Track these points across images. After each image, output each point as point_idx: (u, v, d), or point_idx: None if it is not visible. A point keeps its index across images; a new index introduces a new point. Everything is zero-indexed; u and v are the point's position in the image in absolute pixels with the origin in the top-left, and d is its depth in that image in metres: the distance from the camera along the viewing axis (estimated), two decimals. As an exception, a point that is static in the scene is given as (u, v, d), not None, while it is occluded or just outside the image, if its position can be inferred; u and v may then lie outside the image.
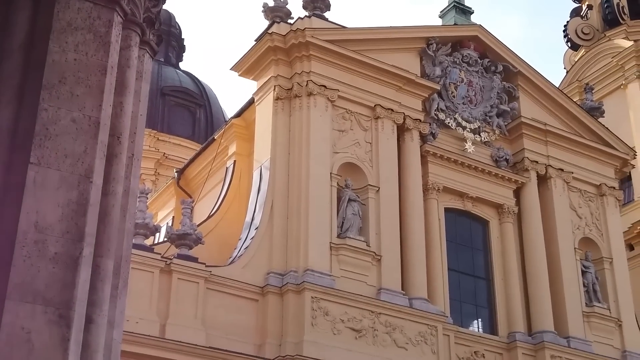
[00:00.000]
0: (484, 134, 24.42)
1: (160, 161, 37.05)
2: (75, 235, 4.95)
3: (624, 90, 33.41)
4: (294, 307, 19.26)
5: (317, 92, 21.64)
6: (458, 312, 22.39)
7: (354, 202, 21.22)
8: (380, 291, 20.50)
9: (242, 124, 23.41)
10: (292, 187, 20.84)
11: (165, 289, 18.43)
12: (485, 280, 23.44)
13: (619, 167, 26.47)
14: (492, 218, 24.01)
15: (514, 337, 22.34)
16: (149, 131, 36.50)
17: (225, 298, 19.21)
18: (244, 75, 22.89)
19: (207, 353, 18.05)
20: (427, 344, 20.47)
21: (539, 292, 23.20)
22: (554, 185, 24.88)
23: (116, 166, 5.37)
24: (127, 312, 16.62)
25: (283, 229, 20.40)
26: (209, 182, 24.28)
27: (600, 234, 25.22)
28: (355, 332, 19.73)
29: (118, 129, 5.43)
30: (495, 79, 25.18)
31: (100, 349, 5.14)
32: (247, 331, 19.11)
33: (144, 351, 17.32)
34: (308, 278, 19.46)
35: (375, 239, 21.03)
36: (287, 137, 21.47)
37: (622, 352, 23.69)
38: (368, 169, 21.85)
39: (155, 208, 27.08)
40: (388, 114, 22.55)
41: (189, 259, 18.95)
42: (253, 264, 19.83)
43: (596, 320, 23.71)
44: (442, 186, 23.18)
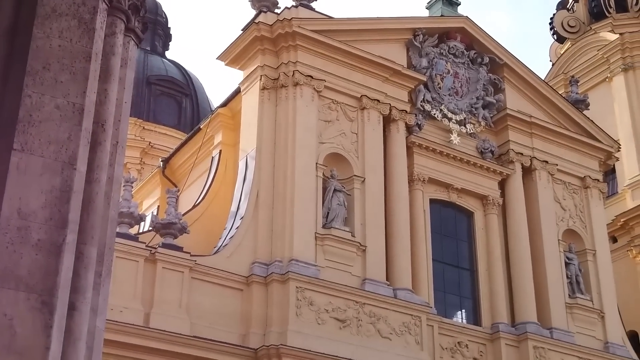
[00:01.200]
0: (470, 126, 24.48)
1: (145, 150, 36.96)
2: (59, 222, 4.93)
3: (609, 83, 33.56)
4: (278, 297, 19.29)
5: (304, 82, 21.62)
6: (442, 303, 22.48)
7: (340, 193, 21.24)
8: (365, 281, 20.55)
9: (228, 113, 23.37)
10: (278, 177, 20.84)
11: (150, 278, 18.41)
12: (470, 271, 23.55)
13: (603, 160, 26.61)
14: (476, 209, 24.10)
15: (497, 327, 22.46)
16: (135, 120, 36.41)
17: (210, 287, 19.21)
18: (231, 65, 22.84)
19: (191, 342, 18.05)
20: (411, 334, 20.56)
21: (523, 284, 23.32)
22: (539, 177, 24.99)
23: (100, 153, 5.35)
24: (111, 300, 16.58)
25: (268, 218, 20.41)
26: (194, 172, 24.23)
27: (584, 225, 25.36)
28: (340, 322, 19.77)
29: (102, 116, 5.41)
30: (482, 71, 25.24)
31: (83, 336, 5.13)
32: (232, 321, 19.12)
33: (128, 340, 17.30)
34: (293, 268, 19.48)
35: (360, 230, 21.07)
36: (273, 127, 21.45)
37: (604, 344, 23.86)
38: (354, 159, 21.87)
39: (141, 197, 27.01)
40: (374, 104, 22.57)
41: (173, 248, 18.93)
42: (238, 253, 19.82)
43: (579, 312, 23.87)
44: (427, 177, 23.24)
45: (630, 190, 31.22)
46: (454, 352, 21.76)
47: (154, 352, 17.61)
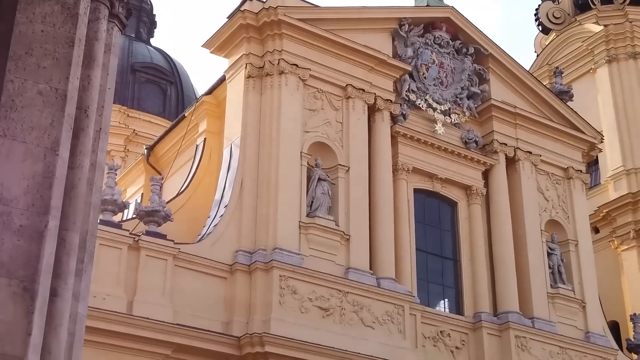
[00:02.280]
0: (454, 116, 24.54)
1: (130, 137, 36.82)
2: (41, 208, 4.92)
3: (593, 75, 33.71)
4: (262, 285, 19.31)
5: (289, 70, 21.59)
6: (425, 292, 22.57)
7: (324, 182, 21.26)
8: (349, 270, 20.60)
9: (213, 101, 23.32)
10: (262, 165, 20.82)
11: (133, 266, 18.37)
12: (453, 260, 23.65)
13: (586, 151, 26.75)
14: (460, 199, 24.19)
15: (480, 317, 22.58)
16: (119, 107, 36.26)
17: (194, 275, 19.20)
18: (216, 53, 22.78)
19: (174, 330, 18.04)
20: (394, 323, 20.63)
21: (505, 273, 23.45)
22: (522, 168, 25.10)
23: (83, 139, 5.34)
24: (94, 288, 16.56)
25: (252, 207, 20.41)
26: (178, 160, 24.17)
27: (567, 216, 25.51)
28: (323, 310, 19.82)
29: (85, 102, 5.39)
30: (467, 61, 25.28)
31: (65, 322, 5.13)
32: (215, 308, 19.13)
33: (110, 327, 17.27)
34: (277, 256, 19.50)
35: (344, 219, 21.11)
36: (258, 115, 21.42)
37: (585, 333, 24.05)
38: (338, 148, 21.88)
39: (124, 184, 26.93)
40: (359, 94, 22.58)
41: (157, 235, 18.89)
42: (222, 241, 19.82)
43: (560, 302, 24.03)
44: (411, 167, 23.29)
45: (613, 181, 31.43)
46: (436, 341, 21.87)
47: (136, 339, 17.59)
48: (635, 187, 30.61)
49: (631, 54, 33.03)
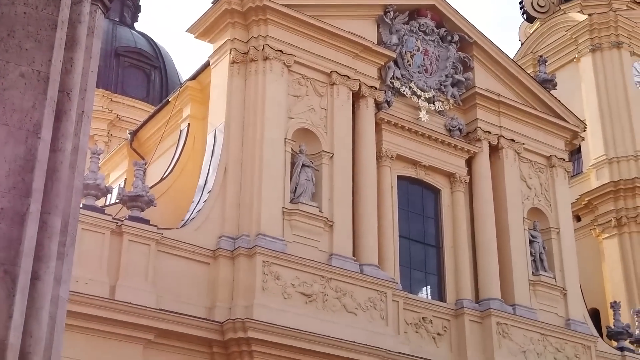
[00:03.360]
0: (439, 103, 24.59)
1: (113, 122, 36.68)
2: (22, 191, 4.91)
3: (576, 64, 33.86)
4: (245, 271, 19.32)
5: (274, 56, 21.55)
6: (407, 279, 22.67)
7: (308, 168, 21.26)
8: (332, 257, 20.64)
9: (197, 86, 23.24)
10: (246, 151, 20.80)
11: (116, 251, 18.33)
12: (435, 248, 23.75)
13: (569, 139, 26.89)
14: (443, 187, 24.27)
15: (462, 304, 22.71)
16: (102, 92, 36.10)
17: (177, 261, 19.18)
18: (200, 38, 22.69)
19: (157, 315, 18.03)
20: (377, 309, 20.71)
21: (487, 261, 23.58)
22: (505, 156, 25.21)
23: (65, 123, 5.31)
24: (77, 272, 16.50)
25: (236, 193, 20.40)
26: (162, 145, 24.10)
27: (549, 204, 25.66)
28: (306, 296, 19.86)
29: (68, 85, 5.36)
30: (451, 49, 25.31)
31: (47, 305, 5.13)
32: (198, 294, 19.14)
33: (93, 312, 17.24)
34: (260, 242, 19.51)
35: (328, 205, 21.14)
36: (242, 101, 21.38)
37: (566, 320, 24.24)
38: (322, 135, 21.89)
39: (108, 169, 26.84)
40: (344, 80, 22.57)
41: (140, 220, 18.85)
42: (205, 227, 19.81)
43: (542, 289, 24.20)
44: (395, 154, 23.33)
45: (595, 170, 31.63)
46: (418, 327, 21.99)
47: (119, 324, 17.57)
48: (617, 175, 30.83)
49: (615, 44, 33.19)
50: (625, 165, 31.03)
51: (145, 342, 17.95)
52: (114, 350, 17.41)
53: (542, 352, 23.18)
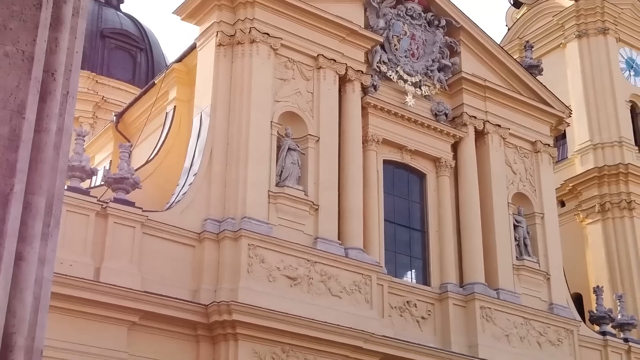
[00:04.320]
0: (425, 88, 24.61)
1: (98, 104, 36.50)
2: (6, 171, 4.88)
3: (562, 50, 33.92)
4: (230, 254, 19.34)
5: (260, 39, 21.48)
6: (392, 263, 22.77)
7: (294, 152, 21.26)
8: (317, 240, 20.69)
9: (183, 69, 23.16)
10: (232, 134, 20.77)
11: (101, 233, 18.30)
12: (420, 232, 23.84)
13: (554, 125, 27.00)
14: (429, 171, 24.34)
15: (446, 288, 22.83)
16: (88, 73, 35.89)
17: (162, 243, 19.18)
18: (187, 20, 22.57)
19: (141, 297, 18.03)
20: (361, 292, 20.79)
21: (472, 245, 23.70)
22: (491, 141, 25.29)
23: (50, 103, 5.28)
24: (61, 254, 16.45)
25: (222, 175, 20.38)
26: (148, 127, 24.04)
27: (534, 189, 25.79)
28: (291, 280, 19.90)
29: (53, 65, 5.32)
30: (438, 34, 25.31)
31: (30, 285, 5.12)
32: (183, 276, 19.15)
33: (77, 294, 17.23)
34: (245, 225, 19.52)
35: (314, 189, 21.16)
36: (229, 84, 21.32)
37: (549, 305, 24.43)
38: (309, 118, 21.87)
39: (93, 151, 26.75)
40: (330, 64, 22.54)
41: (125, 203, 18.81)
42: (191, 210, 19.80)
43: (526, 274, 24.36)
44: (381, 138, 23.36)
45: (580, 155, 31.78)
46: (403, 311, 22.11)
47: (104, 306, 17.57)
48: (601, 161, 30.99)
49: (601, 30, 33.26)
50: (609, 151, 31.19)
51: (130, 324, 17.97)
52: (98, 332, 17.42)
53: (525, 336, 23.37)
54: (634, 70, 33.76)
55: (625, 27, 33.99)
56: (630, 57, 33.88)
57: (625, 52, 33.81)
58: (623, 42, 33.82)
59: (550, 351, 23.65)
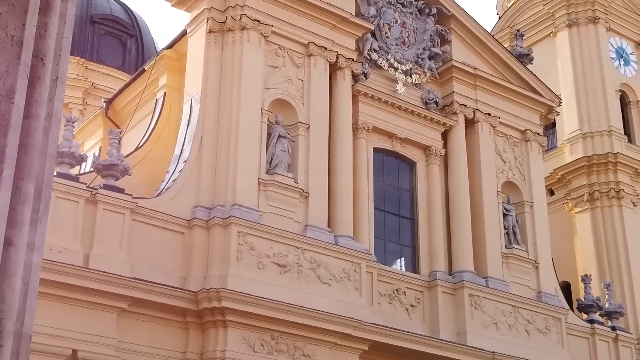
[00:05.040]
0: (415, 76, 24.62)
1: (88, 90, 36.36)
2: (-5, 156, 4.87)
3: (553, 39, 33.95)
4: (220, 241, 19.33)
5: (251, 26, 21.42)
6: (382, 251, 22.82)
7: (284, 139, 21.24)
8: (307, 228, 20.70)
9: (173, 55, 23.08)
10: (222, 121, 20.74)
11: (90, 219, 18.26)
12: (410, 220, 23.89)
13: (544, 114, 27.06)
14: (419, 159, 24.38)
15: (435, 275, 22.91)
16: (77, 59, 35.73)
17: (151, 230, 19.16)
18: (177, 6, 22.48)
19: (131, 284, 18.01)
20: (351, 280, 20.84)
21: (461, 233, 23.77)
22: (481, 129, 25.34)
23: (39, 88, 5.26)
24: (51, 240, 16.41)
25: (212, 163, 20.35)
26: (138, 114, 23.96)
27: (523, 178, 25.87)
28: (280, 267, 19.92)
29: (42, 50, 5.30)
30: (429, 22, 25.31)
31: (20, 271, 5.11)
32: (172, 263, 19.14)
33: (66, 280, 17.19)
34: (235, 212, 19.52)
35: (304, 176, 21.17)
36: (219, 70, 21.27)
37: (537, 293, 24.55)
38: (299, 106, 21.85)
39: (82, 138, 26.67)
40: (321, 51, 22.51)
41: (115, 189, 18.77)
42: (180, 197, 19.77)
43: (514, 262, 24.46)
44: (371, 126, 23.37)
45: (569, 144, 31.86)
46: (392, 298, 22.18)
47: (93, 292, 17.54)
48: (590, 150, 31.09)
49: (591, 19, 33.30)
50: (599, 140, 31.29)
51: (119, 311, 17.96)
52: (87, 319, 17.40)
53: (514, 324, 23.49)
54: (624, 59, 33.84)
55: (615, 16, 34.04)
56: (620, 47, 33.96)
57: (615, 42, 33.88)
58: (613, 32, 33.88)
59: (538, 339, 23.78)
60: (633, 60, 34.15)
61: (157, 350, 18.28)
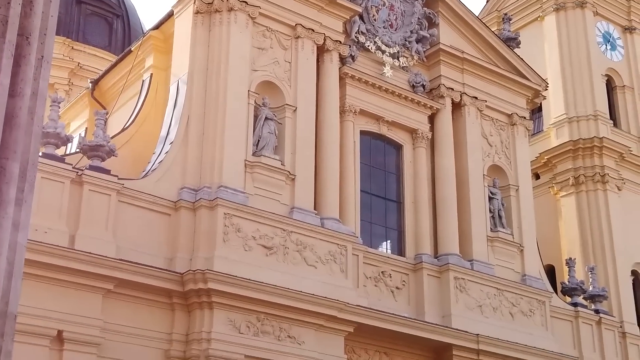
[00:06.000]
0: (403, 59, 24.61)
1: (74, 71, 36.16)
2: (-20, 135, 4.86)
3: (540, 23, 33.97)
4: (206, 223, 19.33)
5: (238, 8, 21.32)
6: (368, 233, 22.88)
7: (271, 121, 21.21)
8: (293, 210, 20.73)
9: (160, 36, 22.97)
10: (209, 103, 20.68)
11: (76, 200, 18.20)
12: (396, 203, 23.95)
13: (530, 98, 27.13)
14: (406, 142, 24.41)
15: (420, 258, 23.01)
16: (63, 39, 35.51)
17: (137, 211, 19.13)
18: (163, -14, 22.36)
19: (117, 265, 17.99)
20: (337, 262, 20.89)
21: (447, 216, 23.86)
22: (468, 113, 25.38)
23: (25, 67, 5.24)
24: (36, 221, 16.36)
25: (198, 144, 20.31)
26: (124, 95, 23.86)
27: (509, 162, 25.96)
28: (267, 249, 19.94)
29: (27, 29, 5.28)
30: (417, 4, 25.27)
31: (4, 251, 5.11)
32: (158, 245, 19.13)
33: (52, 261, 17.16)
34: (221, 194, 19.51)
35: (290, 159, 21.16)
36: (206, 52, 21.18)
37: (522, 276, 24.70)
38: (286, 88, 21.81)
39: (68, 118, 26.53)
40: (309, 34, 22.45)
41: (101, 170, 18.70)
42: (167, 178, 19.74)
43: (499, 245, 24.59)
44: (358, 109, 23.37)
45: (555, 128, 31.97)
46: (378, 281, 22.26)
47: (78, 274, 17.52)
48: (576, 134, 31.20)
49: (578, 3, 33.32)
50: (584, 125, 31.41)
51: (105, 292, 17.95)
52: (73, 300, 17.39)
53: (498, 307, 23.64)
54: (611, 44, 33.93)
55: (602, 0, 34.08)
56: (607, 31, 34.02)
57: (602, 26, 33.94)
58: (600, 16, 33.93)
59: (523, 321, 23.96)
60: (619, 45, 34.24)
61: (143, 331, 18.30)
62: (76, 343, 17.22)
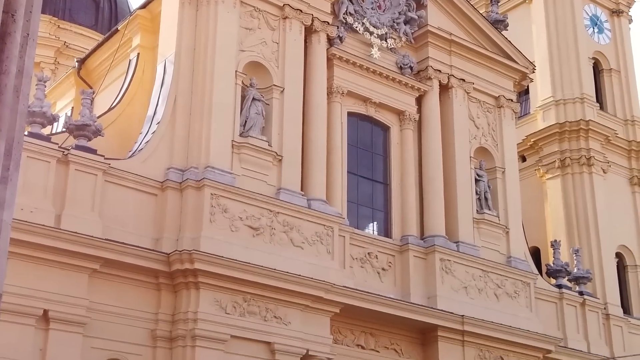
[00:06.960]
0: (391, 41, 24.57)
1: (60, 50, 35.93)
2: (-35, 113, 4.83)
3: (528, 5, 33.95)
4: (192, 203, 19.31)
5: (226, -13, 21.21)
6: (355, 215, 22.93)
7: (258, 102, 21.17)
8: (280, 191, 20.73)
9: (147, 15, 22.82)
10: (196, 83, 20.61)
11: (62, 180, 18.14)
12: (383, 184, 24.00)
13: (517, 80, 27.17)
14: (393, 124, 24.43)
15: (407, 240, 23.09)
16: (49, 18, 35.25)
17: (124, 191, 19.09)
18: (151, -35, 22.20)
19: (103, 245, 17.97)
20: (323, 243, 20.94)
21: (434, 198, 23.93)
22: (455, 95, 25.41)
23: (10, 45, 5.21)
24: (22, 200, 16.28)
25: (185, 124, 20.26)
26: (111, 74, 23.71)
27: (496, 144, 26.04)
28: (253, 230, 19.96)
29: (12, 6, 5.24)
30: (405, -14, 25.21)
31: (-10, 229, 5.10)
32: (145, 225, 19.11)
33: (38, 240, 17.11)
34: (208, 175, 19.48)
35: (277, 139, 21.15)
36: (193, 31, 21.08)
37: (507, 258, 24.84)
38: (274, 69, 21.76)
39: (54, 97, 26.38)
40: (296, 14, 22.37)
41: (87, 150, 18.63)
42: (153, 158, 19.69)
43: (485, 227, 24.70)
44: (346, 90, 23.35)
45: (542, 111, 32.05)
46: (364, 262, 22.34)
47: (64, 253, 17.49)
48: (563, 117, 31.30)
49: (567, -14, 33.32)
50: (571, 108, 31.49)
51: (91, 272, 17.93)
52: (59, 279, 17.37)
53: (483, 288, 23.78)
54: (598, 27, 33.97)
55: (590, -16, 34.11)
56: (594, 14, 34.05)
57: (589, 9, 33.97)
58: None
59: (508, 303, 24.12)
60: (607, 28, 34.29)
61: (129, 311, 18.32)
62: (62, 322, 17.22)
